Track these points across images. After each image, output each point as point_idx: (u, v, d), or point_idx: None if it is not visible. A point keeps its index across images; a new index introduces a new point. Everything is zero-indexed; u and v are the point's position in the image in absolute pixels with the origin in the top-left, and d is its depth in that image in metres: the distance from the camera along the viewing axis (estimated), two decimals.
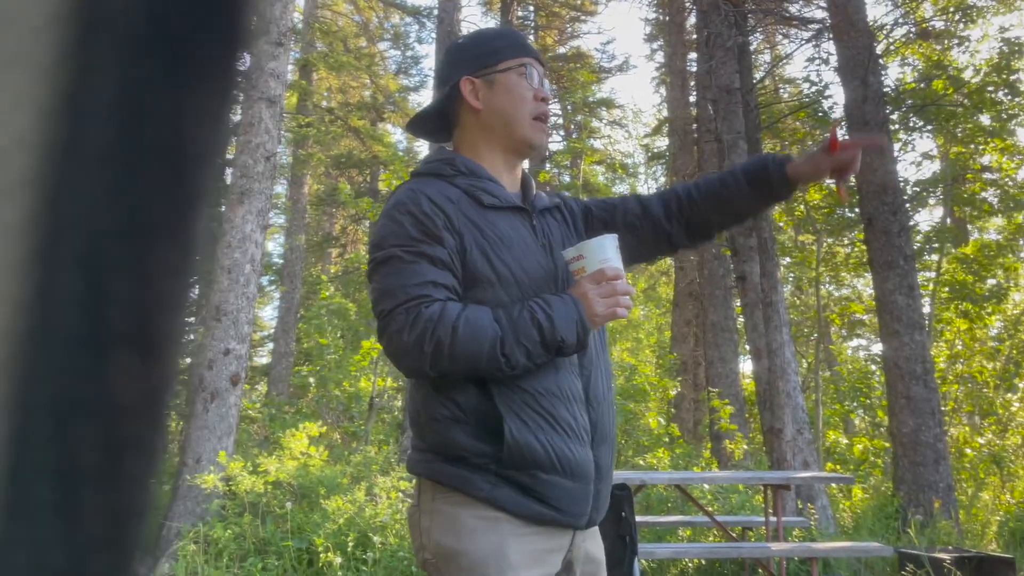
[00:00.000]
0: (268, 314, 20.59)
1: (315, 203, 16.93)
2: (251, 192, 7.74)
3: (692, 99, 14.62)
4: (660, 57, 20.49)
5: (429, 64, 18.11)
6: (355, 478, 8.13)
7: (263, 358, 18.46)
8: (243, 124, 8.02)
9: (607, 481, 1.53)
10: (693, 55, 14.43)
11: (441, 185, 1.52)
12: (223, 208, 8.51)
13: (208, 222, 0.31)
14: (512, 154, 1.62)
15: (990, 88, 11.08)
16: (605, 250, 1.43)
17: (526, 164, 1.75)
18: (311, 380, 11.88)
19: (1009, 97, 11.20)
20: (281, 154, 15.60)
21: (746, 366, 12.51)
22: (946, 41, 12.16)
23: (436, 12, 14.93)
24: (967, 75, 11.49)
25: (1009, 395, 11.50)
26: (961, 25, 11.60)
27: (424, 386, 1.49)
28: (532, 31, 18.45)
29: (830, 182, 1.56)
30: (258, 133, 7.86)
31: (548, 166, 19.09)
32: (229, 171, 11.10)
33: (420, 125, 1.71)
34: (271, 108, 7.94)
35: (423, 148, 19.57)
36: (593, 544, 1.59)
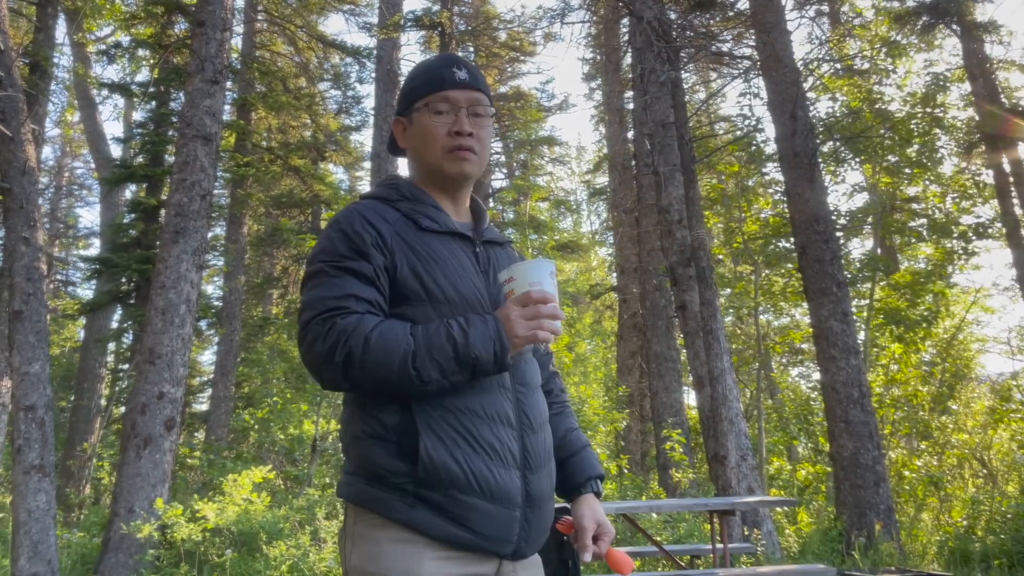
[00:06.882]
0: (207, 358, 20.02)
1: (255, 244, 16.64)
2: (186, 231, 7.55)
3: (630, 135, 14.94)
4: (599, 96, 20.96)
5: (370, 103, 18.16)
6: (299, 523, 7.89)
7: (202, 404, 17.91)
8: (178, 162, 7.86)
9: (542, 511, 1.48)
10: (630, 93, 14.78)
11: (381, 207, 1.56)
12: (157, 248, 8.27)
13: None
14: (442, 184, 1.63)
15: (915, 121, 11.59)
16: (536, 273, 1.39)
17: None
18: (253, 424, 11.55)
19: (935, 131, 11.72)
20: (219, 194, 15.35)
21: (691, 396, 12.65)
22: (871, 77, 12.70)
23: (375, 52, 15.02)
24: (894, 107, 12.01)
25: (944, 418, 11.82)
26: (889, 60, 12.14)
27: (351, 405, 1.49)
28: None
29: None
30: (193, 171, 7.70)
31: (493, 203, 19.20)
32: (163, 210, 10.83)
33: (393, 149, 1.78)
34: (207, 146, 7.81)
35: (366, 187, 19.50)
36: None
